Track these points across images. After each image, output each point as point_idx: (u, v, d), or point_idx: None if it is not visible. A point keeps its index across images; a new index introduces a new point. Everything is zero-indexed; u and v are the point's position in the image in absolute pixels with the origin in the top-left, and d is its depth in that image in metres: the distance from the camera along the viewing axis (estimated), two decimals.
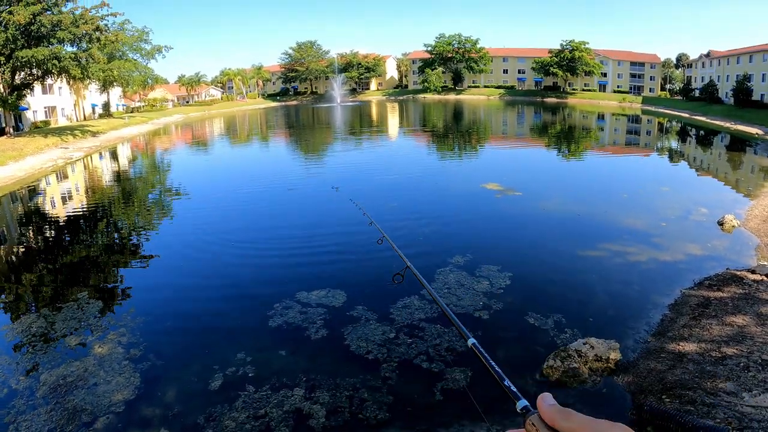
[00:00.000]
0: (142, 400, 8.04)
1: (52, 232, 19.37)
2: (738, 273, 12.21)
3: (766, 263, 12.70)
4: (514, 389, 1.26)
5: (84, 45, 52.70)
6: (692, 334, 9.14)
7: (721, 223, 16.77)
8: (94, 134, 54.99)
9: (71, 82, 62.00)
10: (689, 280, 12.13)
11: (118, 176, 32.90)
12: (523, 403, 1.18)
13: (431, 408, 7.64)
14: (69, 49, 51.63)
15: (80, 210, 22.85)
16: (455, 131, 54.25)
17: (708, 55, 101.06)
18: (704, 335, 9.02)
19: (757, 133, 50.99)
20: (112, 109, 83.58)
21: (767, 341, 8.41)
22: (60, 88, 65.70)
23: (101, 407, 7.82)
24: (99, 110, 78.79)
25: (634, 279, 12.48)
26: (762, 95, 75.95)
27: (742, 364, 7.68)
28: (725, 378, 7.35)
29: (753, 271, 12.19)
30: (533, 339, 9.51)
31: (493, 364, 1.41)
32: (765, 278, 11.62)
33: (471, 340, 1.65)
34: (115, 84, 71.22)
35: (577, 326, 9.81)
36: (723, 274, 12.32)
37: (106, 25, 55.77)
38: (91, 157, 42.36)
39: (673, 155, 39.19)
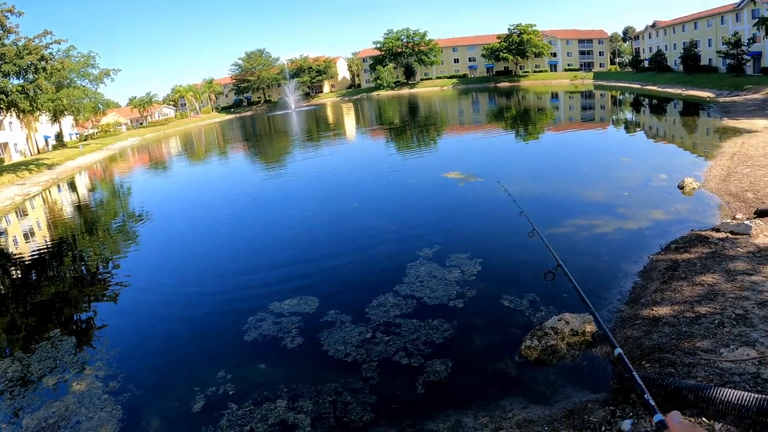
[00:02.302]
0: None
1: (18, 271, 18.88)
2: (703, 233, 12.43)
3: (729, 220, 12.94)
4: (653, 403, 1.33)
5: (30, 76, 51.64)
6: (664, 298, 9.27)
7: (681, 187, 17.09)
8: (50, 167, 53.81)
9: (21, 116, 60.67)
10: (656, 245, 12.32)
11: (80, 207, 32.19)
12: (658, 417, 1.32)
13: (415, 402, 7.62)
14: (15, 81, 50.58)
15: (44, 246, 22.32)
16: (412, 125, 54.41)
17: (654, 25, 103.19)
18: (676, 297, 9.15)
19: (708, 97, 52.16)
20: (66, 138, 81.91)
21: (739, 296, 8.54)
22: (10, 123, 64.17)
23: None
24: (52, 141, 77.19)
25: (602, 250, 12.64)
26: (710, 60, 77.84)
27: (716, 321, 7.79)
28: (702, 337, 7.45)
29: (717, 230, 12.42)
30: (510, 321, 9.56)
31: (636, 375, 1.55)
32: (730, 235, 11.83)
33: (618, 350, 1.78)
34: (65, 113, 69.94)
35: (552, 303, 9.89)
36: (688, 235, 12.54)
37: (50, 53, 54.74)
38: (49, 191, 41.44)
39: (629, 126, 39.86)
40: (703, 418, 5.24)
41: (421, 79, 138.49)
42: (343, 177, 26.97)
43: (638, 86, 79.57)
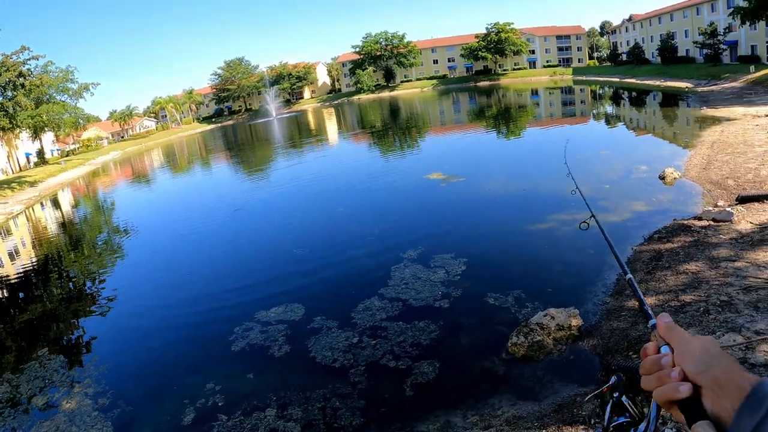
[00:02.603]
0: None
1: (4, 291, 18.67)
2: (685, 222, 12.53)
3: (710, 208, 13.04)
4: (650, 312, 1.51)
5: (9, 93, 51.21)
6: (649, 288, 9.31)
7: (662, 177, 17.21)
8: (32, 184, 53.27)
9: (1, 134, 60.08)
10: (639, 236, 12.39)
11: (64, 224, 31.91)
12: (652, 321, 1.38)
13: (404, 404, 7.61)
14: None
15: (30, 265, 22.09)
16: (393, 128, 54.45)
17: (630, 19, 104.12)
18: (661, 287, 9.20)
19: (687, 87, 52.63)
20: (47, 155, 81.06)
21: (723, 283, 8.59)
22: None
23: None
24: (34, 158, 76.43)
25: (586, 244, 12.68)
26: (687, 51, 78.62)
27: (702, 309, 7.83)
28: (687, 324, 7.48)
29: (699, 218, 12.52)
30: (496, 319, 9.59)
31: (640, 293, 1.68)
32: (712, 223, 11.92)
33: (629, 275, 1.96)
34: (46, 129, 69.16)
35: (538, 299, 9.93)
36: (671, 225, 12.63)
37: (29, 69, 54.32)
38: (33, 209, 41.03)
39: (610, 119, 40.14)
40: None
41: (401, 82, 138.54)
42: (327, 183, 26.91)
43: (617, 79, 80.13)
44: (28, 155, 76.12)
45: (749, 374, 1.04)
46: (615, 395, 1.33)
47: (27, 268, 21.43)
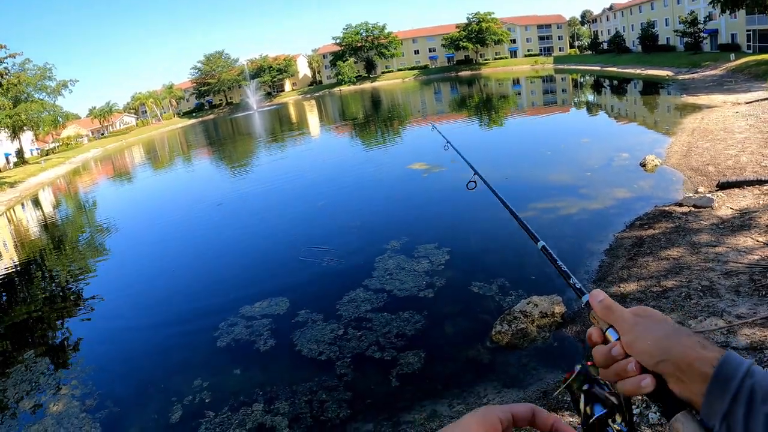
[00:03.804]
0: None
1: None
2: (666, 208, 12.65)
3: (691, 194, 13.17)
4: (579, 285, 1.37)
5: None
6: (631, 274, 9.40)
7: (643, 164, 17.34)
8: (12, 185, 52.55)
9: None
10: (621, 223, 12.51)
11: (46, 224, 31.54)
12: (586, 297, 1.28)
13: (390, 395, 7.63)
14: None
15: (12, 267, 21.83)
16: (375, 119, 54.40)
17: (611, 8, 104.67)
18: (643, 273, 9.29)
19: (667, 75, 53.03)
20: (26, 155, 79.98)
21: (704, 268, 8.69)
22: None
23: None
24: (13, 159, 75.45)
25: (568, 231, 12.79)
26: (667, 39, 79.22)
27: (683, 294, 7.92)
28: (670, 310, 7.57)
29: (680, 204, 12.65)
30: (480, 307, 9.63)
31: (561, 264, 1.54)
32: (692, 209, 12.05)
33: (541, 243, 1.77)
34: (24, 128, 68.45)
35: (521, 287, 9.98)
36: (652, 212, 12.76)
37: (5, 68, 53.67)
38: (14, 210, 40.51)
39: (591, 107, 40.41)
40: None
41: (383, 73, 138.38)
42: (308, 176, 26.83)
43: (598, 68, 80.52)
44: (7, 155, 75.07)
45: (710, 349, 0.98)
46: (585, 387, 1.18)
47: (9, 271, 21.18)
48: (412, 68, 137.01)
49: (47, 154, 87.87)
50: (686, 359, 0.98)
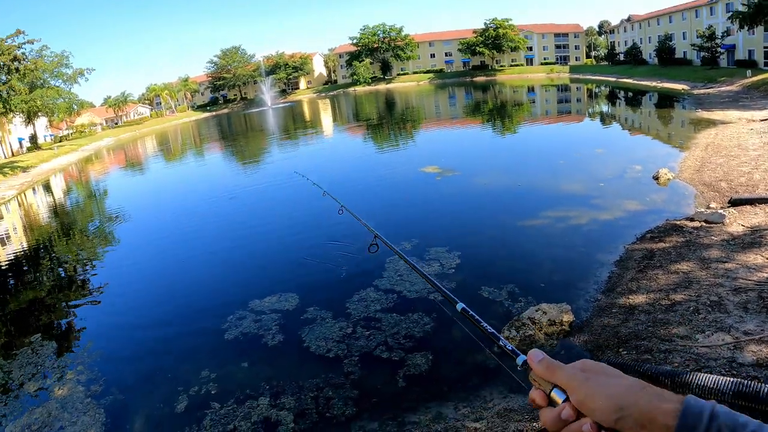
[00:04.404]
0: None
1: None
2: (678, 222, 12.64)
3: (703, 210, 13.14)
4: (511, 347, 1.34)
5: (3, 77, 50.91)
6: (640, 287, 9.41)
7: (656, 178, 17.31)
8: (25, 169, 52.97)
9: None
10: (631, 235, 12.50)
11: (56, 210, 31.79)
12: (522, 358, 1.25)
13: (396, 395, 7.68)
14: None
15: (21, 250, 22.03)
16: (389, 120, 54.46)
17: (629, 19, 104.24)
18: (652, 286, 9.30)
19: (683, 89, 52.80)
20: (40, 140, 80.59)
21: (713, 283, 8.70)
22: None
23: None
24: (26, 144, 75.94)
25: (579, 241, 12.80)
26: (684, 52, 78.88)
27: (692, 308, 7.93)
28: (677, 323, 7.58)
29: (692, 219, 12.63)
30: (488, 312, 9.64)
31: (486, 325, 1.49)
32: (704, 224, 12.04)
33: (460, 305, 1.73)
34: (39, 114, 68.94)
35: (531, 294, 10.00)
36: (663, 225, 12.74)
37: (23, 53, 54.04)
38: (24, 194, 40.84)
39: (605, 118, 40.33)
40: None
41: (398, 75, 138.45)
42: (321, 174, 26.88)
43: (614, 79, 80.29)
44: (20, 140, 75.62)
45: (669, 400, 0.96)
46: None
47: (18, 254, 21.38)
48: (428, 71, 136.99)
49: (60, 141, 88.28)
50: (647, 414, 0.95)
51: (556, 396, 1.09)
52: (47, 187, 44.44)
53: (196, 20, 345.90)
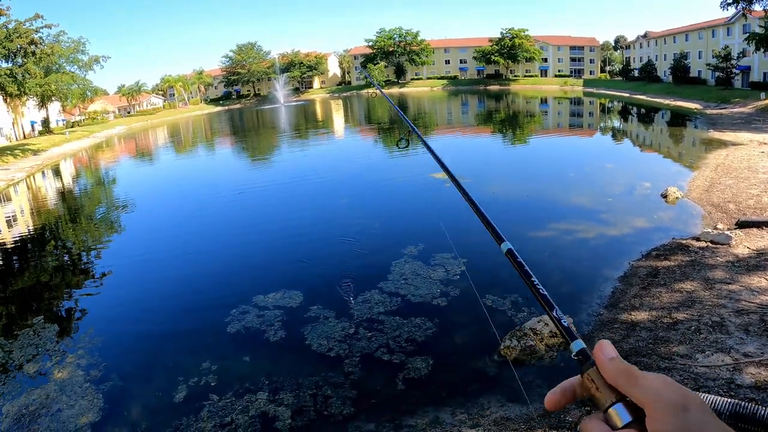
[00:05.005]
0: (107, 420, 7.87)
1: (1, 258, 18.73)
2: (684, 241, 12.64)
3: (710, 230, 13.13)
4: (566, 323, 1.00)
5: (19, 60, 51.18)
6: (643, 303, 9.43)
7: (665, 196, 17.31)
8: (35, 153, 53.25)
9: (8, 100, 60.02)
10: (637, 251, 12.51)
11: (63, 194, 31.97)
12: (578, 345, 0.94)
13: (395, 398, 7.72)
14: (3, 65, 50.07)
15: (27, 233, 22.18)
16: (401, 125, 54.48)
17: (645, 36, 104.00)
18: (655, 303, 9.32)
19: (696, 108, 52.68)
20: (52, 124, 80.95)
21: (716, 304, 8.73)
22: None
23: None
24: (39, 127, 76.30)
25: (584, 255, 12.82)
26: (699, 72, 78.61)
27: (693, 328, 7.96)
28: (678, 342, 7.61)
29: (698, 239, 12.63)
30: (491, 321, 9.67)
31: (537, 283, 1.12)
32: (710, 244, 12.04)
33: (506, 245, 1.33)
34: (53, 99, 69.30)
35: (533, 305, 10.00)
36: (669, 243, 12.75)
37: (40, 37, 54.32)
38: (33, 177, 41.07)
39: (616, 133, 40.30)
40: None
41: (412, 79, 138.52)
42: (331, 173, 27.00)
43: (627, 95, 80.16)
44: (33, 123, 76.06)
45: None
46: None
47: (25, 236, 21.52)
48: (441, 77, 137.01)
49: (72, 126, 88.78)
50: None
51: (618, 415, 0.83)
52: (57, 172, 44.65)
53: (213, 14, 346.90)
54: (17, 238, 20.96)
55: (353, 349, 9.04)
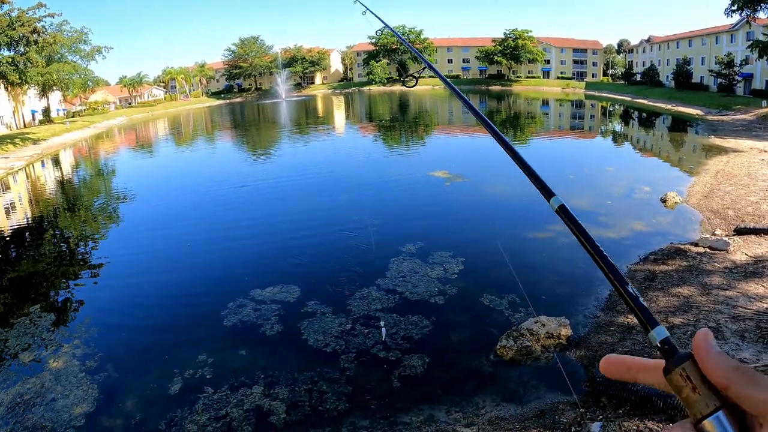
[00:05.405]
0: (102, 411, 7.88)
1: None
2: (682, 246, 12.66)
3: (708, 236, 13.16)
4: (642, 302, 0.82)
5: (21, 48, 51.06)
6: None
7: (664, 200, 17.33)
8: (35, 141, 53.05)
9: (9, 88, 59.87)
10: (635, 255, 12.53)
11: (62, 184, 31.92)
12: (662, 334, 0.76)
13: (390, 395, 7.73)
14: (5, 53, 49.97)
15: (25, 222, 22.15)
16: (402, 122, 54.52)
17: (648, 40, 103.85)
18: (651, 307, 9.22)
19: (697, 114, 52.64)
20: (53, 114, 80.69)
21: (712, 309, 8.75)
22: None
23: (61, 422, 7.61)
24: (39, 116, 76.08)
25: (582, 257, 12.71)
26: (701, 78, 78.55)
27: (689, 332, 7.99)
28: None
29: (696, 244, 12.65)
30: (488, 320, 9.71)
31: (603, 252, 0.93)
32: (708, 250, 12.07)
33: (557, 200, 1.14)
34: (54, 88, 69.10)
35: (530, 305, 10.02)
36: (667, 248, 12.77)
37: (43, 26, 54.17)
38: (33, 166, 40.94)
39: (617, 137, 40.32)
40: (670, 425, 5.39)
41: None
42: (332, 170, 26.99)
43: (629, 99, 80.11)
44: (34, 112, 75.81)
45: None
46: None
47: (22, 225, 21.48)
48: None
49: (73, 116, 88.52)
50: None
51: (715, 426, 0.66)
52: (56, 161, 44.54)
53: (216, 6, 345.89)
54: (15, 227, 20.92)
55: (349, 345, 9.05)
